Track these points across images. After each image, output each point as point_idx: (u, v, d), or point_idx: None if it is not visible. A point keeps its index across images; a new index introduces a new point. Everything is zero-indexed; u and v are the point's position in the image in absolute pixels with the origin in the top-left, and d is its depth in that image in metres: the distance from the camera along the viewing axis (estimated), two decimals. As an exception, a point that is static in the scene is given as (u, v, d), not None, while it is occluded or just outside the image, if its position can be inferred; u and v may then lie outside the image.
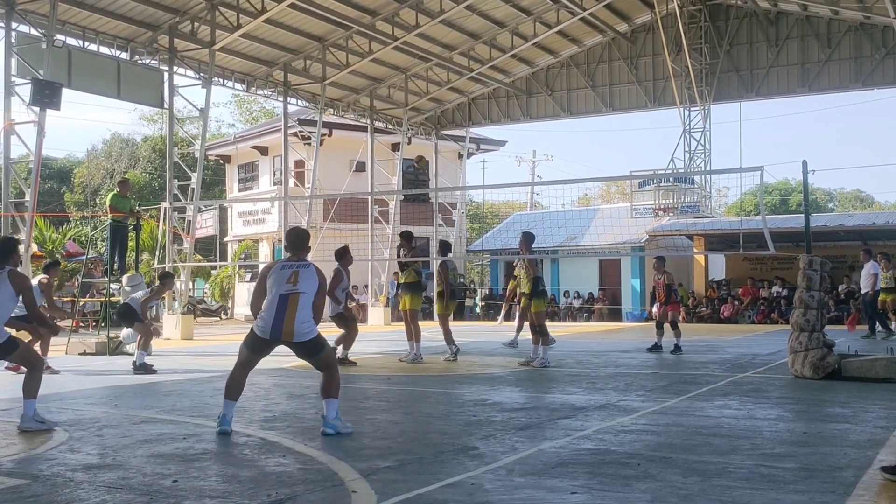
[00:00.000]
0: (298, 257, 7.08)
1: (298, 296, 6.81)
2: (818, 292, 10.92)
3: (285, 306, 6.79)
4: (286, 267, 6.96)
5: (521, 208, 47.51)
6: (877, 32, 24.81)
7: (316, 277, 6.95)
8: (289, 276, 6.87)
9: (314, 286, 6.92)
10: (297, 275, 6.88)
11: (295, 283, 6.84)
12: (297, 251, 7.11)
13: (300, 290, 6.83)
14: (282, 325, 6.76)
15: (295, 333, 6.79)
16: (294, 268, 6.94)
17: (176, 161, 21.61)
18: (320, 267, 7.14)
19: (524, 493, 4.91)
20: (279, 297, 6.81)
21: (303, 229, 7.48)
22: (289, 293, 6.80)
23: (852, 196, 65.95)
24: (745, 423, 7.31)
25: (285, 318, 6.76)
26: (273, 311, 6.79)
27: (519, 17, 25.59)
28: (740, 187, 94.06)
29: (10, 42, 17.40)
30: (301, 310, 6.80)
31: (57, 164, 51.45)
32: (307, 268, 6.97)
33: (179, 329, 19.76)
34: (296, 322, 6.77)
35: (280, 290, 6.82)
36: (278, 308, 6.79)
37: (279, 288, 6.83)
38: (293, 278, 6.86)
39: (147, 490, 4.99)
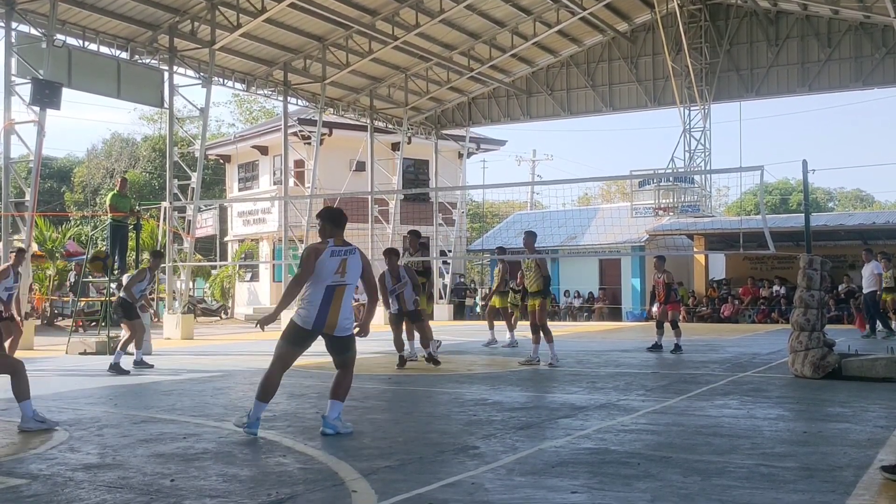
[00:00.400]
0: (343, 240, 6.85)
1: (345, 288, 6.70)
2: (818, 292, 10.92)
3: (331, 299, 6.63)
4: (335, 254, 6.71)
5: (522, 208, 47.52)
6: (877, 32, 24.80)
7: (361, 263, 6.83)
8: (337, 265, 6.67)
9: (358, 274, 6.81)
10: (346, 263, 6.71)
11: (343, 274, 6.68)
12: (341, 230, 6.85)
13: (347, 281, 6.71)
14: (326, 317, 6.61)
15: (338, 327, 6.69)
16: (342, 255, 6.72)
17: (176, 161, 21.61)
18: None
19: (524, 493, 4.91)
20: (326, 288, 6.63)
21: (339, 209, 7.13)
22: (336, 285, 6.65)
23: (852, 195, 65.92)
24: (746, 422, 7.31)
25: (330, 310, 6.62)
26: (318, 303, 6.62)
27: (519, 17, 25.59)
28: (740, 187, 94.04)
29: (10, 42, 17.40)
30: (346, 302, 6.72)
31: (57, 163, 51.45)
32: (353, 254, 6.79)
33: (180, 329, 19.77)
34: (340, 316, 6.67)
35: (328, 281, 6.63)
36: (324, 300, 6.62)
37: (327, 278, 6.63)
38: (341, 268, 6.68)
39: (147, 490, 4.99)
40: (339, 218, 6.87)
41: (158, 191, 40.20)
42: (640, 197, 30.59)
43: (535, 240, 13.45)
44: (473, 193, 50.03)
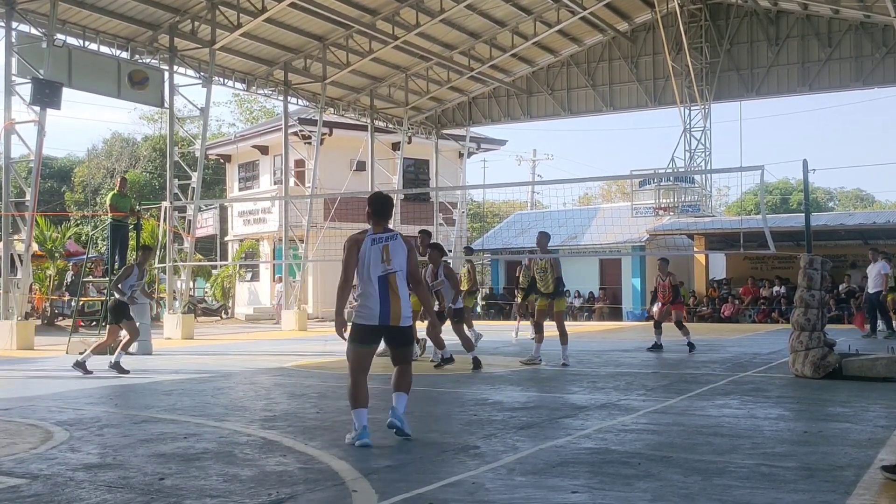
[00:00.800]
0: (384, 227, 6.61)
1: (395, 275, 6.45)
2: (819, 291, 10.92)
3: (387, 288, 6.40)
4: (376, 242, 6.47)
5: (522, 207, 47.52)
6: (877, 31, 24.79)
7: (405, 247, 6.58)
8: (381, 253, 6.42)
9: (405, 259, 6.55)
10: (388, 249, 6.45)
11: (389, 262, 6.44)
12: (384, 219, 6.65)
13: (395, 268, 6.46)
14: (389, 308, 6.38)
15: (402, 317, 6.44)
16: (383, 241, 6.48)
17: (176, 160, 21.61)
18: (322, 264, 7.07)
19: (525, 493, 4.91)
20: (378, 279, 6.39)
21: (387, 195, 6.88)
22: (386, 274, 6.41)
23: (853, 195, 65.91)
24: (746, 422, 7.31)
25: (391, 300, 6.39)
26: (377, 296, 6.37)
27: (519, 17, 25.59)
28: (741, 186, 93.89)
29: (11, 41, 17.40)
30: (402, 290, 6.47)
31: (57, 163, 51.46)
32: (395, 239, 6.54)
33: (180, 329, 19.77)
34: (402, 305, 6.44)
35: (377, 272, 6.39)
36: (381, 291, 6.38)
37: (374, 269, 6.39)
38: (385, 255, 6.43)
39: (147, 489, 4.99)
40: (377, 204, 6.65)
41: (159, 190, 40.20)
42: (641, 197, 30.59)
43: (548, 240, 13.48)
44: (474, 193, 50.01)
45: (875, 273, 18.12)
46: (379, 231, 6.56)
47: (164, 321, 20.78)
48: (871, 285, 18.38)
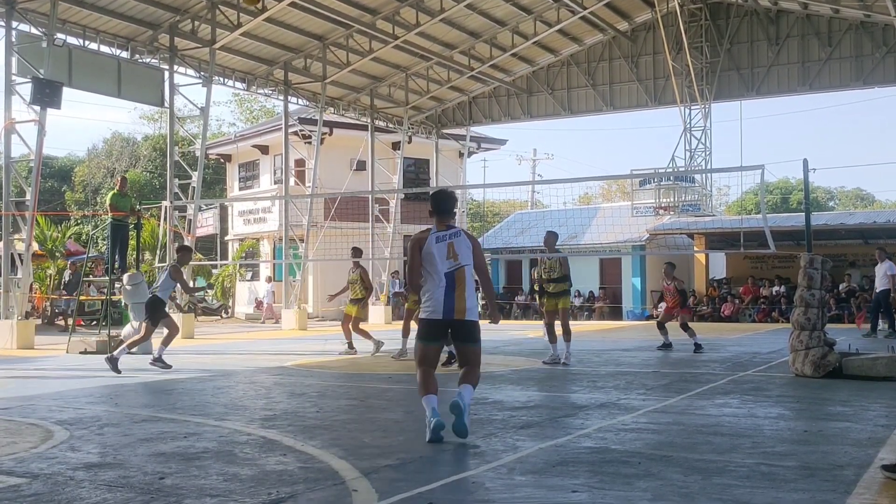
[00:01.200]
0: (447, 224, 6.70)
1: (463, 269, 6.55)
2: (819, 291, 10.91)
3: (453, 284, 6.49)
4: (440, 239, 6.59)
5: (522, 207, 47.53)
6: (877, 31, 24.79)
7: (469, 243, 6.66)
8: (446, 250, 6.55)
9: (471, 253, 6.63)
10: (453, 246, 6.56)
11: (455, 258, 6.54)
12: (447, 216, 6.73)
13: (462, 262, 6.55)
14: (454, 303, 6.47)
15: (467, 311, 6.52)
16: (447, 238, 6.59)
17: (176, 160, 21.61)
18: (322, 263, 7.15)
19: (525, 492, 4.91)
20: (445, 276, 6.50)
21: (450, 192, 7.05)
22: (453, 269, 6.52)
23: (853, 194, 65.94)
24: (746, 421, 7.31)
25: (456, 296, 6.48)
26: (442, 292, 6.49)
27: (519, 16, 25.58)
28: (741, 186, 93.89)
29: (11, 41, 17.40)
30: (469, 286, 6.56)
31: (58, 162, 51.48)
32: (458, 235, 6.65)
33: (181, 328, 19.75)
34: (466, 300, 6.52)
35: (444, 269, 6.51)
36: (447, 288, 6.48)
37: (441, 265, 6.51)
38: (450, 252, 6.55)
39: (148, 489, 4.99)
40: (437, 202, 6.75)
41: (159, 190, 40.22)
42: (641, 196, 30.60)
43: (556, 240, 13.54)
44: (474, 192, 50.03)
45: (882, 273, 18.13)
46: (442, 229, 6.66)
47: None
48: (878, 284, 18.40)
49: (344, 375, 11.60)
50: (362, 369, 12.22)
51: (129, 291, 15.63)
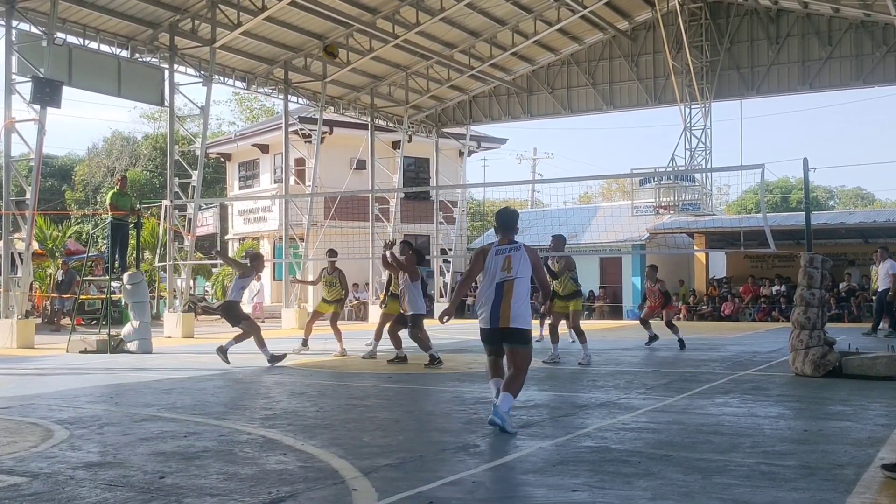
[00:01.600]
0: (509, 239, 7.20)
1: (514, 282, 6.96)
2: (819, 290, 10.92)
3: (501, 294, 6.95)
4: (499, 252, 7.10)
5: (522, 206, 47.49)
6: (877, 30, 24.78)
7: (528, 258, 7.08)
8: (502, 262, 7.03)
9: (528, 268, 7.06)
10: (510, 260, 7.02)
11: (509, 270, 6.98)
12: (508, 232, 7.24)
13: (515, 275, 6.97)
14: (499, 311, 6.93)
15: (511, 318, 6.92)
16: (507, 252, 7.08)
17: (177, 159, 21.60)
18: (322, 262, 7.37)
19: (525, 491, 4.91)
20: (495, 286, 6.99)
21: (513, 210, 7.61)
22: (504, 280, 6.97)
23: (853, 194, 65.91)
24: (746, 420, 7.31)
25: (502, 304, 6.94)
26: (491, 300, 6.98)
27: (519, 15, 25.57)
28: (741, 185, 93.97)
29: (11, 40, 17.38)
30: (516, 296, 6.96)
31: (58, 162, 51.47)
32: (518, 250, 7.09)
33: (180, 327, 19.77)
34: (512, 308, 6.92)
35: (496, 279, 6.99)
36: (495, 296, 6.96)
37: (495, 276, 7.01)
38: (506, 264, 7.01)
39: (148, 488, 4.99)
40: (501, 219, 7.36)
41: (159, 189, 40.21)
42: (641, 195, 30.57)
43: (564, 244, 13.67)
44: (474, 192, 50.03)
45: (884, 272, 18.13)
46: (504, 243, 7.21)
47: (164, 320, 20.79)
48: (881, 283, 18.38)
49: (343, 375, 11.61)
50: (362, 369, 12.22)
51: (130, 290, 15.66)
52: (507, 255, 7.05)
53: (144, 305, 15.71)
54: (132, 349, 15.14)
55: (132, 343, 15.21)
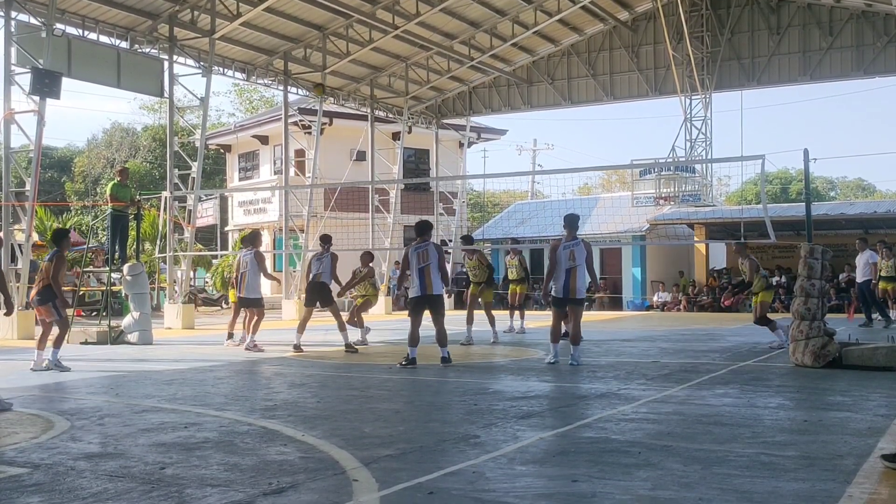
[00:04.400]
0: (573, 236, 11.02)
1: (576, 269, 10.86)
2: (819, 281, 10.92)
3: (572, 275, 10.85)
4: (566, 247, 10.90)
5: (522, 197, 47.50)
6: (878, 20, 24.72)
7: (585, 251, 10.94)
8: (568, 254, 10.85)
9: (584, 256, 10.93)
10: (574, 253, 10.87)
11: (573, 260, 10.83)
12: (573, 230, 11.05)
13: (577, 263, 10.85)
14: (569, 287, 10.85)
15: (577, 290, 10.93)
16: (571, 247, 10.90)
17: (176, 150, 21.56)
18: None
19: (525, 482, 4.92)
20: (566, 271, 10.86)
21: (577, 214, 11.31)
22: (571, 267, 10.85)
23: (854, 185, 65.88)
24: (746, 411, 7.32)
25: (570, 283, 10.84)
26: (563, 279, 10.88)
27: (520, 6, 25.49)
28: (741, 176, 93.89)
29: (10, 31, 17.34)
30: (580, 276, 10.90)
31: (57, 153, 51.46)
32: (578, 245, 10.95)
33: (180, 318, 19.78)
34: (576, 286, 10.90)
35: (566, 266, 10.84)
36: (567, 277, 10.86)
37: (565, 264, 10.84)
38: (570, 256, 10.84)
39: (148, 479, 5.00)
40: (567, 221, 11.08)
41: (159, 180, 40.19)
42: (641, 186, 30.56)
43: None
44: (474, 183, 50.02)
45: (863, 262, 18.18)
46: (569, 239, 10.99)
47: (164, 311, 20.80)
48: (859, 274, 18.44)
49: (344, 366, 11.62)
50: (362, 360, 12.23)
51: (130, 282, 15.66)
52: (570, 250, 10.85)
53: (144, 297, 15.71)
54: (132, 340, 15.15)
55: (132, 334, 15.22)
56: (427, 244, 11.04)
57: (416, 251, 10.96)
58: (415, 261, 10.91)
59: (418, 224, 11.44)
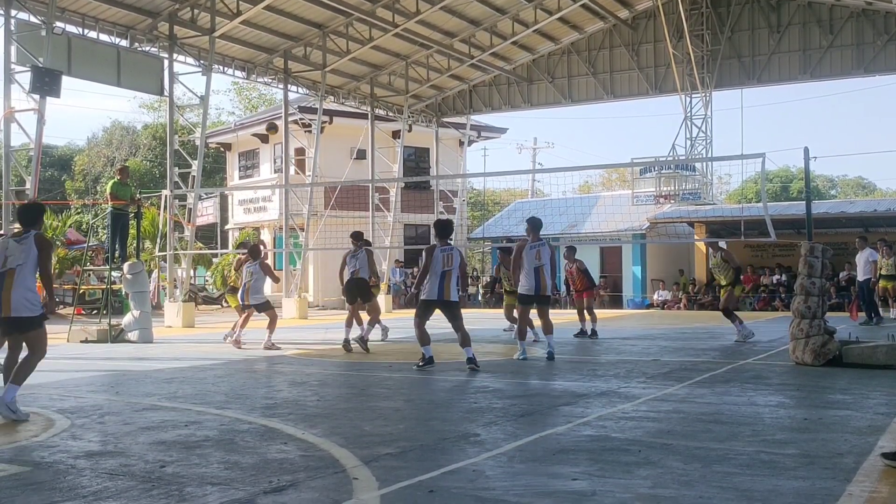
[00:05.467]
0: (538, 238, 11.43)
1: (543, 267, 11.28)
2: (819, 279, 10.91)
3: (539, 273, 11.24)
4: (532, 248, 11.30)
5: (522, 196, 47.45)
6: (879, 19, 24.71)
7: (548, 251, 11.42)
8: (535, 255, 11.26)
9: (549, 257, 11.37)
10: (539, 253, 11.28)
11: (539, 260, 11.24)
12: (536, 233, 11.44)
13: (542, 262, 11.27)
14: (540, 283, 11.22)
15: (545, 289, 11.29)
16: (537, 247, 11.33)
17: (176, 149, 21.57)
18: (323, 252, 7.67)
19: (525, 480, 4.92)
20: (534, 269, 11.23)
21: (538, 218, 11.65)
22: (538, 266, 11.25)
23: (854, 183, 65.79)
24: (746, 409, 7.31)
25: (541, 280, 11.23)
26: (533, 279, 11.25)
27: (520, 4, 25.49)
28: (742, 174, 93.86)
29: (10, 29, 17.33)
30: (547, 274, 11.33)
31: (57, 151, 51.42)
32: (543, 246, 11.37)
33: (181, 317, 19.79)
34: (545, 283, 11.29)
35: (533, 265, 11.24)
36: (536, 276, 11.23)
37: (532, 263, 11.24)
38: (537, 256, 11.25)
39: (149, 477, 5.00)
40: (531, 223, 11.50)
41: (159, 179, 40.19)
42: (641, 185, 30.56)
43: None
44: (474, 181, 49.95)
45: (864, 261, 18.16)
46: (534, 241, 11.39)
47: (164, 309, 20.80)
48: (860, 273, 18.42)
49: (344, 364, 11.62)
50: (363, 358, 12.23)
51: (130, 280, 15.67)
52: (536, 250, 11.26)
53: (145, 295, 15.72)
54: (133, 339, 15.16)
55: (133, 333, 15.23)
56: (451, 248, 10.66)
57: (442, 253, 10.50)
58: (439, 264, 10.47)
59: (441, 224, 11.04)
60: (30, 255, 7.12)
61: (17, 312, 7.06)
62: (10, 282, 7.04)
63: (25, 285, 7.09)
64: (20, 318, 7.10)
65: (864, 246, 18.31)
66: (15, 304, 7.03)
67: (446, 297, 10.51)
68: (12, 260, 7.09)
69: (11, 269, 7.07)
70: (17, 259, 7.09)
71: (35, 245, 7.17)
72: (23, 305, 7.06)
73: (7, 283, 7.05)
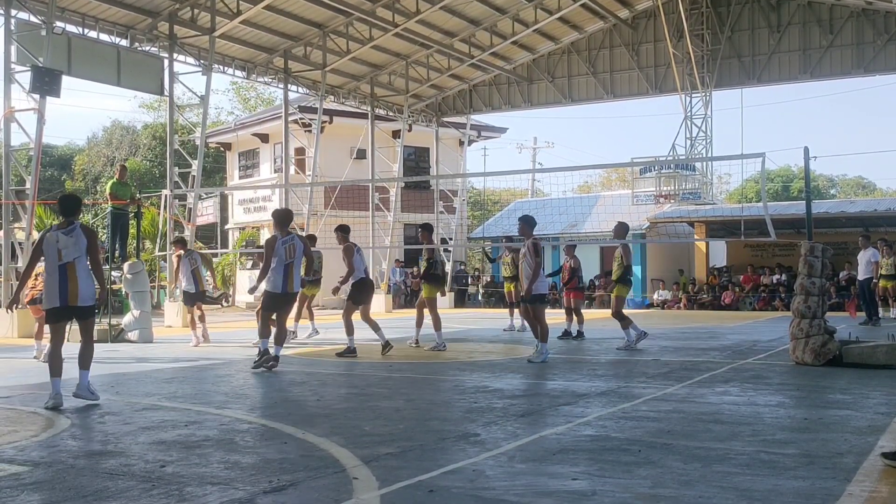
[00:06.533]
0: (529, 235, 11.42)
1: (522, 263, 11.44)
2: (819, 279, 10.91)
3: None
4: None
5: (522, 195, 47.46)
6: (879, 18, 24.72)
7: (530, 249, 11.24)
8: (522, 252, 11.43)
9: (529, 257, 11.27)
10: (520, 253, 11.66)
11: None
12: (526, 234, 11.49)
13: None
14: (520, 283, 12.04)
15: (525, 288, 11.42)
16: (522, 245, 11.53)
17: (176, 148, 21.58)
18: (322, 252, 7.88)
19: (525, 480, 4.92)
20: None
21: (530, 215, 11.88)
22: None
23: (854, 183, 65.77)
24: (746, 409, 7.31)
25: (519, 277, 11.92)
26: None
27: (520, 4, 25.49)
28: (742, 174, 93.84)
29: (10, 29, 17.34)
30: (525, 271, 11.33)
31: (57, 151, 51.41)
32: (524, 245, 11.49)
33: (181, 317, 19.76)
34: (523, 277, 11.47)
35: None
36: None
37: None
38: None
39: (149, 477, 5.00)
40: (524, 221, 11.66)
41: (159, 179, 40.17)
42: (642, 184, 30.56)
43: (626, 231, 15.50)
44: (474, 181, 49.95)
45: (865, 260, 18.16)
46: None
47: (164, 309, 20.80)
48: (861, 272, 18.41)
49: (344, 364, 11.61)
50: (362, 358, 12.23)
51: (130, 280, 15.67)
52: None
53: (145, 295, 15.71)
54: (133, 339, 15.16)
55: (132, 332, 15.23)
56: (293, 237, 10.88)
57: (283, 245, 10.63)
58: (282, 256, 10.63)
59: (280, 214, 11.16)
60: (82, 246, 7.69)
61: (83, 302, 7.73)
62: (74, 273, 7.62)
63: (88, 275, 7.75)
64: (84, 307, 7.79)
65: (866, 245, 18.29)
66: (82, 294, 7.68)
67: (289, 290, 10.60)
68: (68, 252, 7.61)
69: (71, 262, 7.60)
70: (73, 251, 7.62)
71: (84, 235, 7.75)
72: (88, 295, 7.73)
73: (71, 275, 7.62)
